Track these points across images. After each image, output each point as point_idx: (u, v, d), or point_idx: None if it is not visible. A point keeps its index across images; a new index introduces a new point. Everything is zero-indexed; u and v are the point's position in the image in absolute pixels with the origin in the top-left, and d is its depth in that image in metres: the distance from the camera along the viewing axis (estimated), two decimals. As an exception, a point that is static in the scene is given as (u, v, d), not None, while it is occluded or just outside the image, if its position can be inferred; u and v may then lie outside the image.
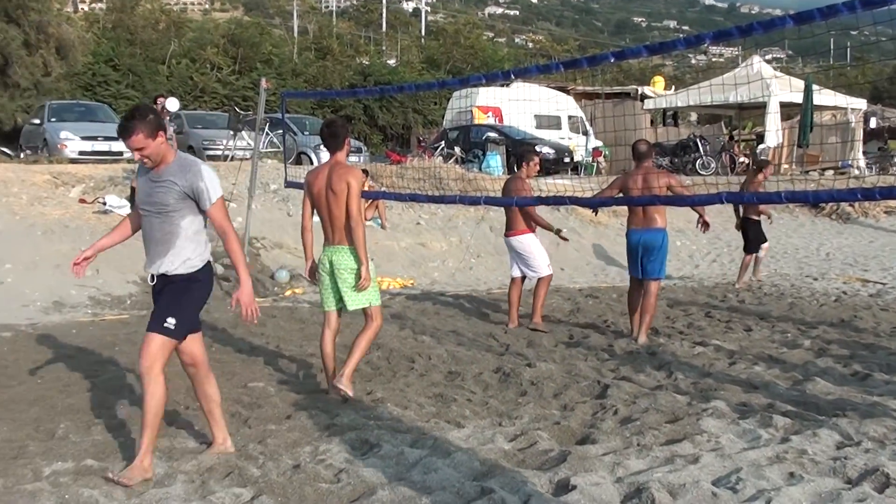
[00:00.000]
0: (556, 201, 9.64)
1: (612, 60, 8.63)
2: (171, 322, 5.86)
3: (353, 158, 24.09)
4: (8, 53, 34.87)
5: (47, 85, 35.91)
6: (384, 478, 5.72)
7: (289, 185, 14.19)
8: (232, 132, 23.23)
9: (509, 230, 11.79)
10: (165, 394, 5.95)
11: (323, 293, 8.02)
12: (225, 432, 6.41)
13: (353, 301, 7.85)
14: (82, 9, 75.73)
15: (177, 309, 5.92)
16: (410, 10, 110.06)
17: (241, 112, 25.48)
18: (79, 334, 11.30)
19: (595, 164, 30.45)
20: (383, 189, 19.53)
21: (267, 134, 23.43)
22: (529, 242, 11.70)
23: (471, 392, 8.18)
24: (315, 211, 8.02)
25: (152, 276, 6.04)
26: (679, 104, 35.77)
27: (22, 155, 24.43)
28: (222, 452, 6.25)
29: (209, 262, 6.18)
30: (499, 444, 6.39)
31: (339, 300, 7.99)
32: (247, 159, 20.76)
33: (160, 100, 17.08)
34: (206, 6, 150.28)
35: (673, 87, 41.24)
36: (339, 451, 6.26)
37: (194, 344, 6.21)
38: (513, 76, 10.34)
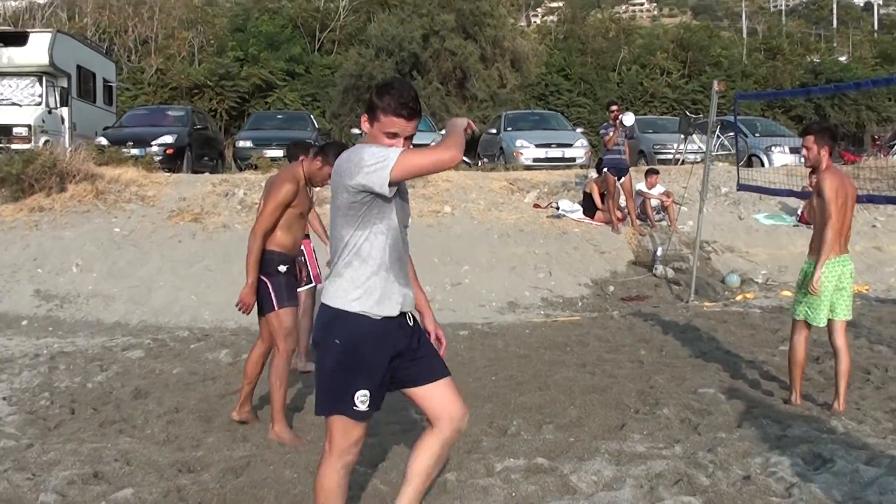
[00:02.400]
0: None
1: None
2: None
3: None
4: (466, 68, 36.86)
5: (503, 96, 37.49)
6: (837, 496, 5.39)
7: (741, 188, 13.86)
8: (682, 136, 23.07)
9: None
10: None
11: (820, 306, 7.55)
12: None
13: (850, 311, 7.65)
14: (535, 22, 78.37)
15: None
16: (862, 3, 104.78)
17: (692, 115, 25.24)
18: (532, 334, 11.62)
19: None
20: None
21: (718, 136, 23.07)
22: None
23: (933, 409, 7.55)
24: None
25: (406, 315, 4.53)
26: None
27: (479, 163, 25.56)
28: None
29: None
30: (964, 466, 5.83)
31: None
32: (697, 163, 20.52)
33: (613, 107, 17.23)
34: (655, 13, 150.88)
35: None
36: (790, 465, 5.96)
37: None
38: None
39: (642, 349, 10.49)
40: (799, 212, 17.90)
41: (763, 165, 23.01)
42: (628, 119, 16.74)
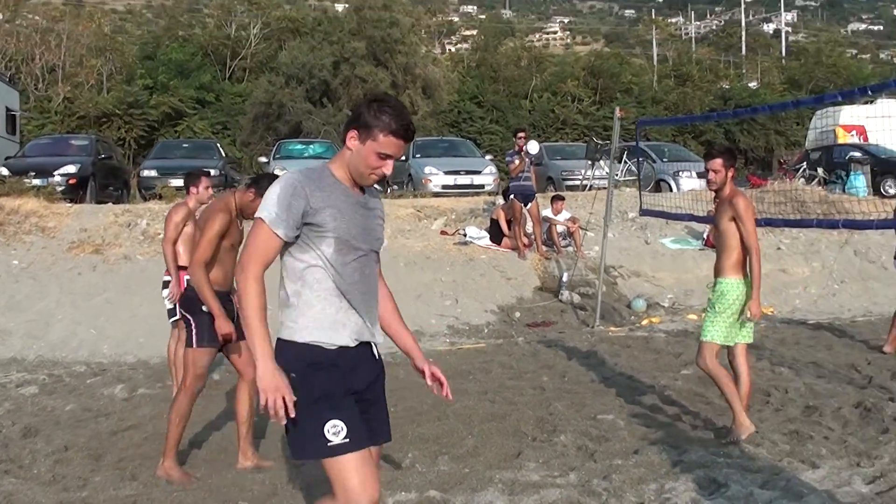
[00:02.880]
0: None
1: None
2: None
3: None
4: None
5: (415, 123, 37.33)
6: (731, 520, 5.36)
7: (644, 212, 13.94)
8: (590, 162, 23.24)
9: None
10: None
11: (733, 325, 7.41)
12: None
13: (751, 334, 7.63)
14: (449, 49, 78.76)
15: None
16: (771, 31, 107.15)
17: (599, 142, 25.43)
18: (435, 362, 11.43)
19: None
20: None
21: (625, 162, 23.27)
22: None
23: (828, 429, 7.58)
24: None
25: (372, 348, 4.15)
26: None
27: (388, 190, 25.39)
28: None
29: None
30: (856, 486, 5.91)
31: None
32: (604, 188, 20.68)
33: (521, 134, 17.22)
34: (568, 41, 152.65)
35: None
36: (685, 490, 5.95)
37: None
38: (870, 92, 9.59)
39: (545, 375, 10.45)
40: (705, 235, 18.08)
41: (671, 190, 23.22)
42: (533, 147, 16.76)
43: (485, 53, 53.26)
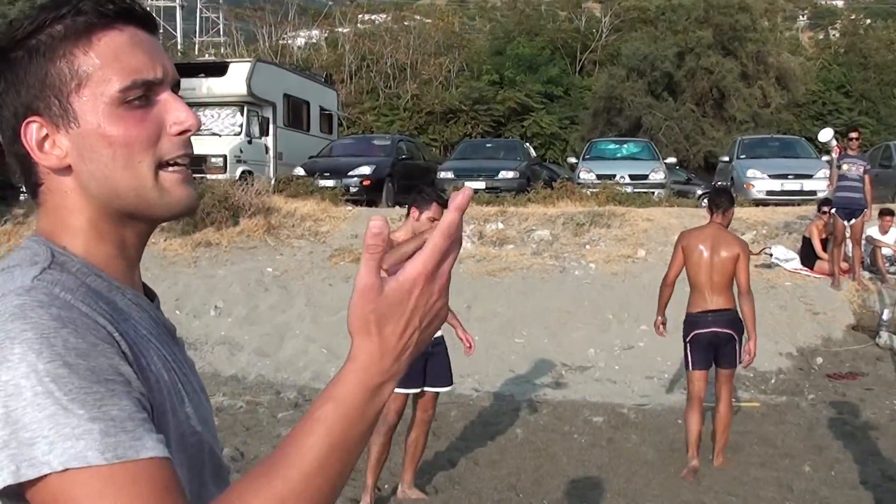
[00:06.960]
0: None
1: None
2: None
3: None
4: (724, 87, 34.11)
5: (765, 117, 34.42)
6: None
7: None
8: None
9: None
10: None
11: None
12: None
13: None
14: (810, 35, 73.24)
15: None
16: None
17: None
18: (681, 428, 8.80)
19: None
20: None
21: None
22: None
23: None
24: None
25: None
26: None
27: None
28: None
29: None
30: None
31: None
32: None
33: (853, 134, 14.18)
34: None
35: None
36: None
37: None
38: None
39: (809, 462, 7.80)
40: None
41: None
42: (824, 135, 13.79)
43: (854, 38, 48.25)
